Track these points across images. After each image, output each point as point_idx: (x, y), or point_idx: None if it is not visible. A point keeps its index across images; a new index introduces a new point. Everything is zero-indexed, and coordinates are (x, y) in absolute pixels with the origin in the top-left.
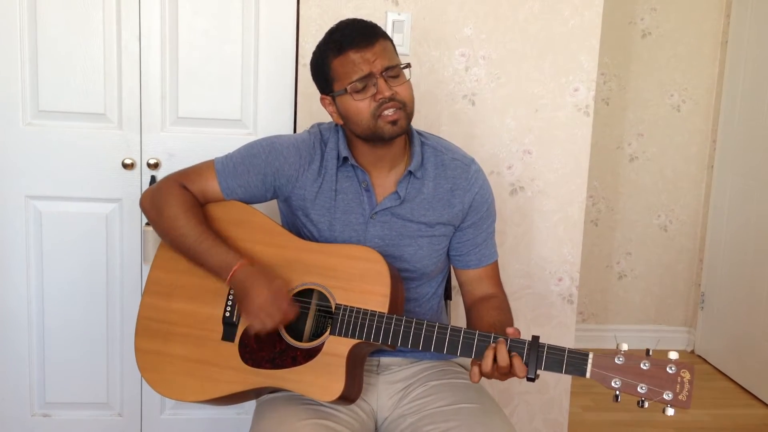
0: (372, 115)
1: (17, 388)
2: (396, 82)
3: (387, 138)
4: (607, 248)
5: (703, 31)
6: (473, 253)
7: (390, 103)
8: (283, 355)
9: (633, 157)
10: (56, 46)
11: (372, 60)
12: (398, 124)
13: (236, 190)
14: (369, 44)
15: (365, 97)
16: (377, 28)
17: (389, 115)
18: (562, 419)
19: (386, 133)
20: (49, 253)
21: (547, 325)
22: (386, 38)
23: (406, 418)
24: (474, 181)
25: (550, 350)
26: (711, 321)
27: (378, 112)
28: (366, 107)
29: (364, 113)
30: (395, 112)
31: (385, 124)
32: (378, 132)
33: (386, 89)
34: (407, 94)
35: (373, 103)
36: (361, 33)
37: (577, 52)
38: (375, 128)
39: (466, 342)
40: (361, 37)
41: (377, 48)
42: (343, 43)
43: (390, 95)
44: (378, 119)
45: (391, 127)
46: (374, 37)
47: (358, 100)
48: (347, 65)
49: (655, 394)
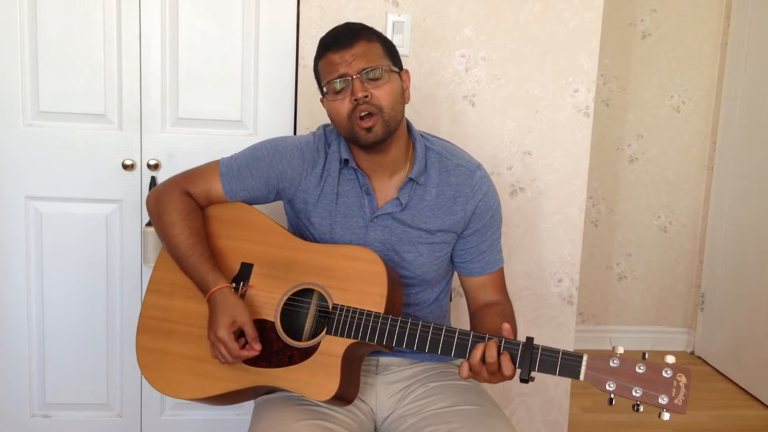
0: (348, 117)
1: (17, 389)
2: (374, 85)
3: (363, 145)
4: (607, 249)
5: (703, 33)
6: (477, 260)
7: (363, 106)
8: (280, 353)
9: (633, 158)
10: (56, 46)
11: (350, 61)
12: (373, 131)
13: (239, 193)
14: (348, 45)
15: (343, 98)
16: (363, 31)
17: (363, 122)
18: (562, 420)
19: (361, 139)
20: (49, 254)
21: (547, 326)
22: (372, 41)
23: (407, 419)
24: (478, 188)
25: (544, 352)
26: (711, 322)
27: (353, 114)
28: (343, 108)
29: (342, 114)
30: (369, 118)
31: (359, 130)
32: (354, 136)
33: (359, 90)
34: (386, 99)
35: (349, 105)
36: (343, 34)
37: (577, 53)
38: (352, 132)
39: (460, 343)
40: (342, 39)
41: (357, 49)
42: (327, 44)
43: (362, 96)
44: (354, 123)
45: (366, 134)
46: (355, 38)
47: (335, 101)
48: (327, 66)
49: (650, 398)
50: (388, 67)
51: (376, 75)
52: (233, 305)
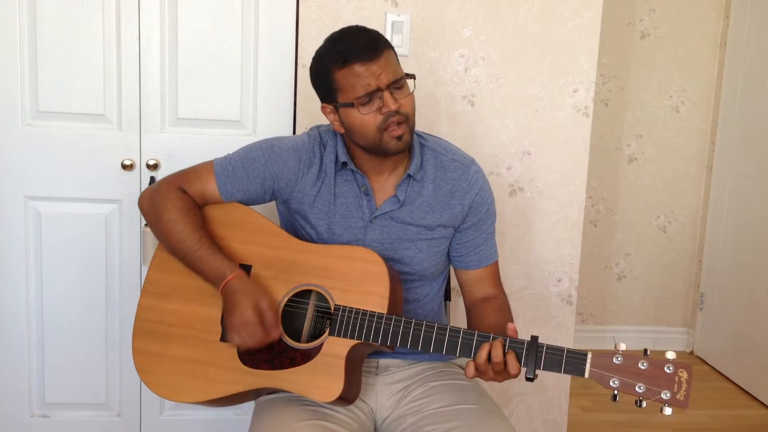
0: (378, 128)
1: (16, 389)
2: (400, 94)
3: (392, 153)
4: (606, 249)
5: (702, 33)
6: (473, 253)
7: (395, 117)
8: (282, 355)
9: (632, 158)
10: (56, 46)
11: (378, 74)
12: (403, 140)
13: (235, 194)
14: (374, 57)
15: (371, 110)
16: (381, 39)
17: (394, 130)
18: (561, 420)
19: (392, 148)
20: (48, 254)
21: (547, 326)
22: (389, 48)
23: (406, 419)
24: (474, 182)
25: (549, 350)
26: (710, 322)
27: (384, 125)
28: (372, 121)
29: (370, 126)
30: (400, 126)
31: (390, 139)
32: (383, 146)
33: (392, 103)
34: (410, 107)
35: (379, 117)
36: (366, 45)
37: (576, 53)
38: (380, 142)
39: (465, 342)
40: (366, 50)
41: (382, 60)
42: (348, 55)
43: (396, 108)
44: (383, 133)
45: (397, 142)
46: (379, 49)
47: (364, 114)
48: (352, 78)
49: (653, 394)
50: (406, 75)
51: (401, 84)
52: (253, 289)
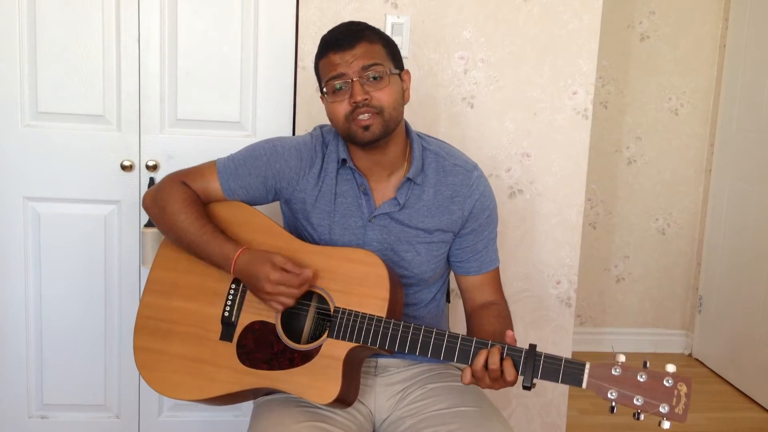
0: (345, 118)
1: (15, 390)
2: (374, 86)
3: (360, 143)
4: (605, 251)
5: (702, 35)
6: (473, 259)
7: (363, 108)
8: (280, 356)
9: (631, 160)
10: (55, 47)
11: (350, 61)
12: (370, 130)
13: (237, 191)
14: (350, 46)
15: (342, 99)
16: (365, 31)
17: (361, 120)
18: (560, 422)
19: (358, 137)
20: (47, 255)
21: (545, 328)
22: (373, 41)
23: (405, 421)
24: (475, 187)
25: (547, 359)
26: (708, 324)
27: (351, 115)
28: (341, 110)
29: (339, 115)
30: (368, 117)
31: (357, 129)
32: (351, 135)
33: (359, 93)
34: (387, 100)
35: (347, 107)
36: (345, 34)
37: (575, 55)
38: (349, 131)
39: (462, 348)
40: (344, 39)
41: (358, 50)
42: (328, 43)
43: (362, 99)
44: (351, 123)
45: (363, 132)
46: (357, 39)
47: (334, 102)
48: (327, 66)
49: (651, 407)
50: (389, 69)
51: (378, 75)
52: (264, 253)
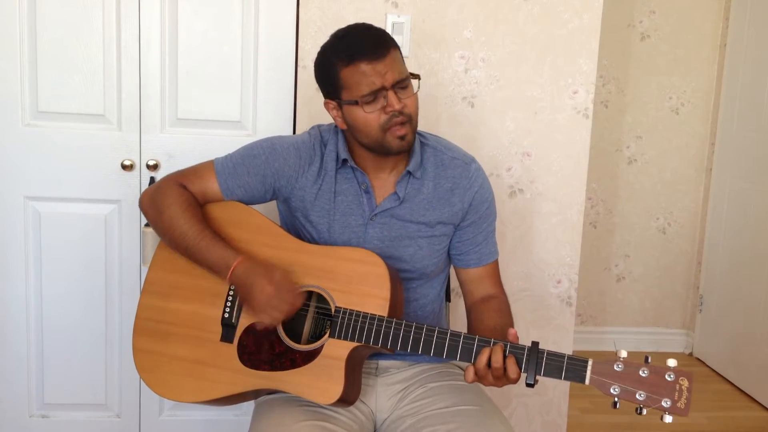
0: (381, 128)
1: (15, 389)
2: (404, 94)
3: (394, 152)
4: (605, 251)
5: (702, 34)
6: (473, 251)
7: (399, 117)
8: (282, 357)
9: (632, 159)
10: (56, 46)
11: (383, 73)
12: (406, 139)
13: (236, 191)
14: (380, 56)
15: (375, 109)
16: (387, 37)
17: (397, 130)
18: (561, 421)
19: (394, 147)
20: (47, 254)
21: (546, 328)
22: (396, 47)
23: (405, 420)
24: (474, 179)
25: (550, 356)
26: (709, 323)
27: (387, 125)
28: (375, 119)
29: (373, 125)
30: (403, 126)
31: (393, 139)
32: (386, 145)
33: (396, 102)
34: (414, 107)
35: (383, 116)
36: (373, 43)
37: (576, 54)
38: (383, 141)
39: (465, 347)
40: (373, 48)
41: (388, 60)
42: (354, 52)
43: (400, 108)
44: (386, 133)
45: (400, 142)
46: (386, 48)
47: (368, 113)
48: (357, 76)
49: (654, 402)
50: (411, 76)
51: (405, 84)
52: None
